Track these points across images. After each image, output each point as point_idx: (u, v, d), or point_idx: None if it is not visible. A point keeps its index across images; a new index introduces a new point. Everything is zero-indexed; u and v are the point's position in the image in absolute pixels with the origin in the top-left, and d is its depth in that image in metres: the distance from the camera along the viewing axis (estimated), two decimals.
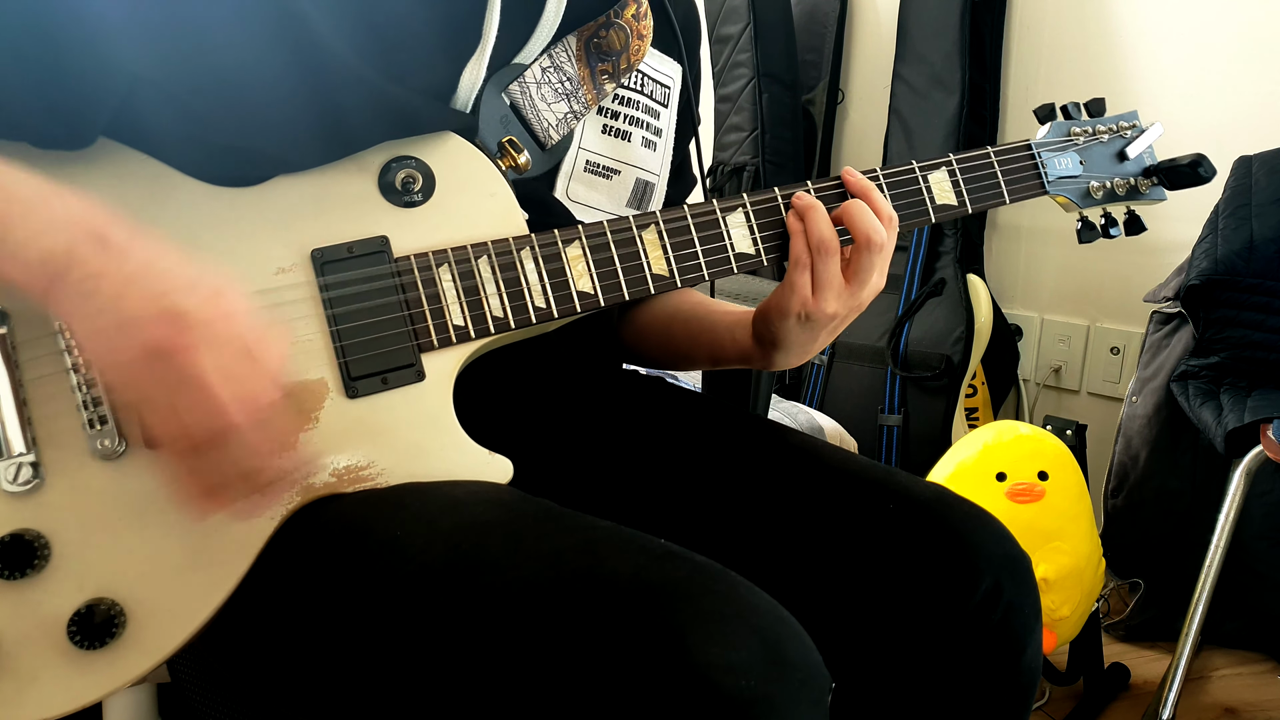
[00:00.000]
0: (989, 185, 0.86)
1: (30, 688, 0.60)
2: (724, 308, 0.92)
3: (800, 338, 0.80)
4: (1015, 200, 0.87)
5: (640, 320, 0.97)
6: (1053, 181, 0.89)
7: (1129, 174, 0.92)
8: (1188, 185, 0.91)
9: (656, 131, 0.90)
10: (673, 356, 0.97)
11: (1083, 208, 0.91)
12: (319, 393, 0.67)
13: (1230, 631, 1.69)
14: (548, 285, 0.73)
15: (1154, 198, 0.93)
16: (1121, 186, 0.92)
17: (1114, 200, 0.92)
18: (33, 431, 0.62)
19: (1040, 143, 0.89)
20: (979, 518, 0.75)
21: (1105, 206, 0.92)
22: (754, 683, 0.51)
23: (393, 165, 0.70)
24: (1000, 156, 0.86)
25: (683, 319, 0.94)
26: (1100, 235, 0.92)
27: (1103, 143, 0.91)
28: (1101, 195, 0.91)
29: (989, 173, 0.86)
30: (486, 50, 0.74)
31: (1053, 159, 0.89)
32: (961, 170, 0.84)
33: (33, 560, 0.60)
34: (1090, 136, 0.91)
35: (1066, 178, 0.89)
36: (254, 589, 0.64)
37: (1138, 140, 0.91)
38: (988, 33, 2.00)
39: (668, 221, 0.76)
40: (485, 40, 0.74)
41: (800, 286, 0.76)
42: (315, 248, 0.68)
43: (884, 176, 0.82)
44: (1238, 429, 1.41)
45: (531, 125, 0.80)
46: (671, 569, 0.55)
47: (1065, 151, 0.90)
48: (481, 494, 0.66)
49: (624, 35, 0.83)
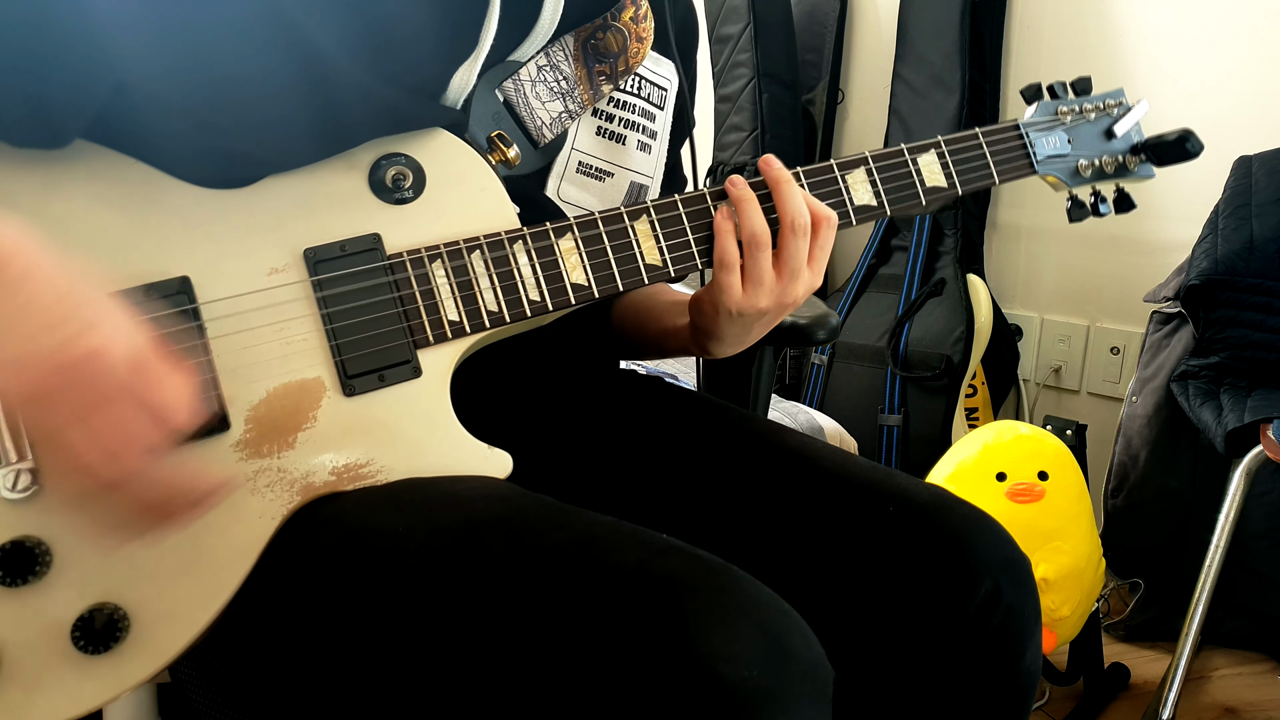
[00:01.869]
0: (978, 166, 0.86)
1: (36, 694, 0.60)
2: (669, 292, 0.92)
3: (732, 330, 0.80)
4: (1005, 180, 0.87)
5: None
6: (1041, 161, 0.89)
7: (1117, 151, 0.92)
8: (1176, 161, 0.91)
9: (651, 135, 0.90)
10: (625, 345, 0.97)
11: (1072, 186, 0.91)
12: (316, 391, 0.67)
13: (1230, 631, 1.69)
14: (541, 278, 0.73)
15: (1142, 175, 0.93)
16: (1110, 164, 0.92)
17: (1103, 178, 0.92)
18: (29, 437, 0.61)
19: (1028, 122, 0.89)
20: (978, 520, 0.75)
21: (1094, 184, 0.92)
22: (757, 673, 0.51)
23: (383, 163, 0.70)
24: (988, 137, 0.87)
25: (635, 309, 0.94)
26: (1090, 213, 0.92)
27: (1090, 121, 0.92)
28: (1090, 173, 0.91)
29: (978, 153, 0.86)
30: (482, 54, 0.74)
31: (1040, 138, 0.89)
32: (950, 151, 0.85)
33: (34, 567, 0.60)
34: (1077, 115, 0.91)
35: (1055, 156, 0.90)
36: (256, 589, 0.64)
37: (1125, 118, 0.92)
38: (988, 32, 2.00)
39: (660, 212, 0.76)
40: (481, 45, 0.74)
41: (730, 287, 0.76)
42: (308, 247, 0.68)
43: (874, 159, 0.82)
44: (1238, 429, 1.41)
45: (525, 122, 0.80)
46: (674, 562, 0.56)
47: (1053, 131, 0.90)
48: (482, 489, 0.66)
49: (622, 38, 0.82)
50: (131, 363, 0.53)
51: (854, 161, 0.82)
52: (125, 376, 0.53)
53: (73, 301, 0.53)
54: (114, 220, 0.63)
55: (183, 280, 0.64)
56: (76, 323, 0.52)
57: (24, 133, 0.60)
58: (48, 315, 0.52)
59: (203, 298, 0.65)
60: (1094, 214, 0.92)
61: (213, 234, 0.66)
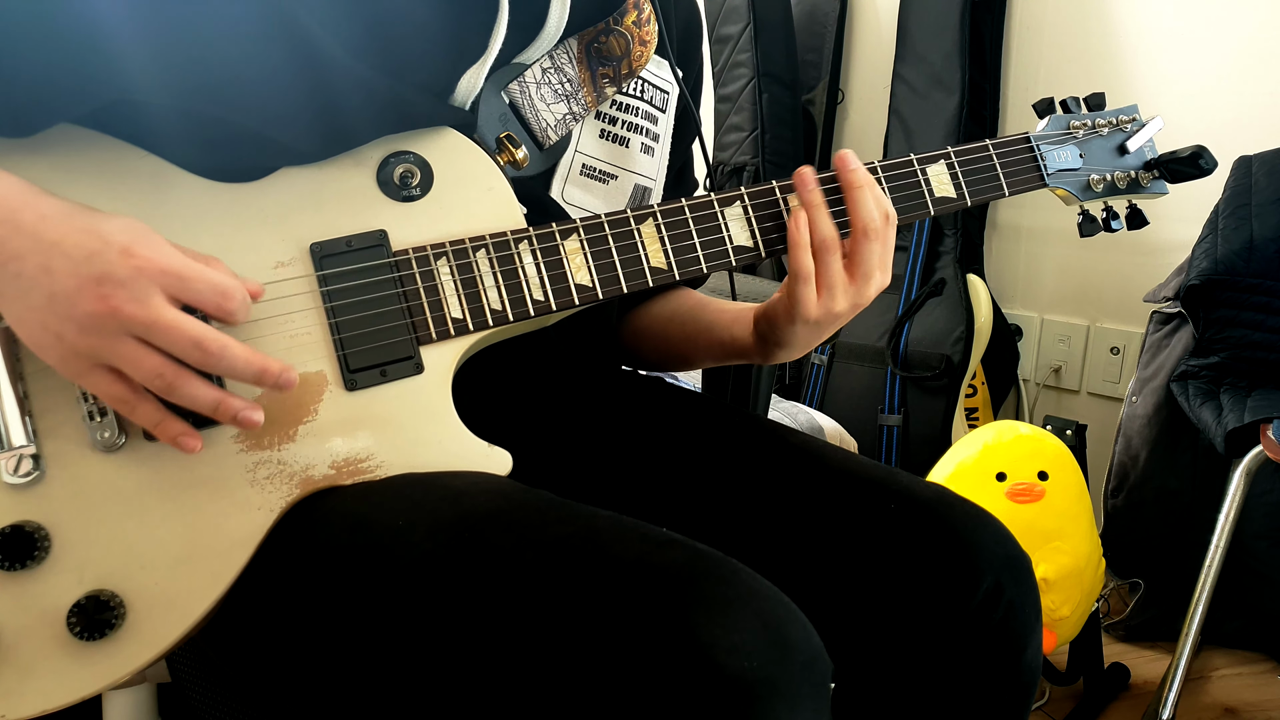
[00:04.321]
0: (988, 177, 0.86)
1: (31, 679, 0.61)
2: (720, 305, 0.92)
3: (806, 338, 0.81)
4: (1015, 192, 0.87)
5: (638, 323, 0.97)
6: (1052, 174, 0.89)
7: (1129, 167, 0.92)
8: (1189, 178, 0.91)
9: (655, 137, 0.90)
10: (670, 357, 0.97)
11: (1083, 200, 0.91)
12: (318, 385, 0.67)
13: (1230, 631, 1.69)
14: (546, 278, 0.73)
15: (1155, 191, 0.93)
16: (1122, 180, 0.92)
17: (1115, 193, 0.92)
18: (34, 424, 0.62)
19: (1039, 135, 0.89)
20: (979, 518, 0.75)
21: (1106, 199, 0.92)
22: (756, 664, 0.51)
23: (391, 160, 0.70)
24: (999, 149, 0.87)
25: (679, 320, 0.94)
26: (1102, 229, 0.92)
27: (1102, 136, 0.91)
28: (1102, 188, 0.91)
29: (988, 165, 0.86)
30: (490, 57, 0.74)
31: (1052, 151, 0.89)
32: (960, 163, 0.85)
33: (33, 552, 0.61)
34: (1090, 130, 0.91)
35: (1066, 170, 0.90)
36: (254, 582, 0.64)
37: (1138, 134, 0.91)
38: (988, 33, 2.00)
39: (665, 215, 0.76)
40: (490, 48, 0.74)
41: (806, 299, 0.77)
42: (314, 241, 0.68)
43: (882, 169, 0.82)
44: (1238, 429, 1.41)
45: (530, 124, 0.80)
46: (674, 554, 0.56)
47: (1065, 145, 0.90)
48: (482, 485, 0.66)
49: (624, 41, 0.83)
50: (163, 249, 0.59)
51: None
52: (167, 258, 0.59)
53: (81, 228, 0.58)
54: (122, 210, 0.63)
55: None
56: (95, 243, 0.57)
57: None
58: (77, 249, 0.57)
59: None
60: (1105, 229, 0.92)
61: (220, 227, 0.66)
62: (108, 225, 0.58)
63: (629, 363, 1.01)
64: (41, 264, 0.57)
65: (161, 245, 0.59)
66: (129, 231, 0.59)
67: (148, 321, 0.57)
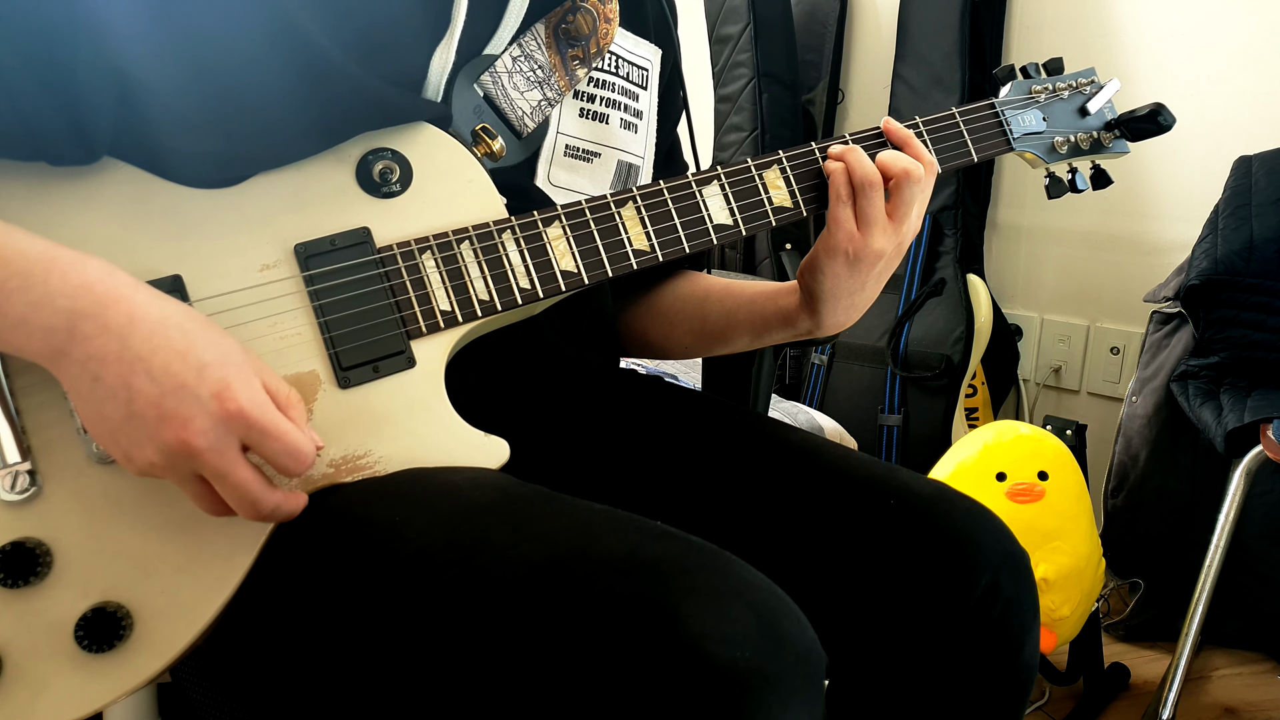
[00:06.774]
0: (956, 144, 0.88)
1: (42, 695, 0.60)
2: (757, 283, 0.93)
3: (848, 284, 0.81)
4: (983, 157, 0.89)
5: (669, 308, 0.97)
6: (1018, 138, 0.91)
7: (1091, 128, 0.94)
8: (1149, 135, 0.93)
9: (636, 114, 0.91)
10: (708, 338, 0.96)
11: (1049, 162, 0.93)
12: (311, 385, 0.67)
13: (1230, 631, 1.69)
14: (531, 266, 0.73)
15: (1117, 150, 0.95)
16: (1085, 140, 0.94)
17: (1079, 154, 0.94)
18: (27, 440, 0.61)
19: (1003, 101, 0.91)
20: (979, 514, 0.75)
21: (1071, 161, 0.95)
22: (749, 655, 0.50)
23: (369, 157, 0.70)
24: (965, 116, 0.89)
25: (716, 297, 0.94)
26: (1068, 189, 0.94)
27: (1063, 99, 0.94)
28: (1066, 150, 0.93)
29: (955, 132, 0.88)
30: (455, 34, 0.74)
31: (1016, 116, 0.91)
32: (929, 131, 0.86)
33: (35, 568, 0.60)
34: (1051, 94, 0.93)
35: (1031, 134, 0.92)
36: (257, 583, 0.64)
37: (1097, 95, 0.94)
38: (988, 32, 2.00)
39: (645, 197, 0.77)
40: (454, 24, 0.74)
41: (844, 221, 0.78)
42: (298, 242, 0.68)
43: (853, 140, 0.83)
44: (1238, 429, 1.41)
45: (506, 114, 0.80)
46: (666, 546, 0.56)
47: (1028, 109, 0.92)
48: (480, 480, 0.66)
49: (591, 19, 0.83)
50: (255, 399, 0.58)
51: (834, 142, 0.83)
52: (257, 412, 0.58)
53: (172, 347, 0.57)
54: (104, 222, 0.63)
55: (174, 279, 0.64)
56: (186, 374, 0.57)
57: (68, 154, 0.61)
58: (165, 375, 0.56)
59: (195, 296, 0.65)
60: (1072, 189, 0.94)
61: (203, 233, 0.66)
62: (206, 353, 0.58)
63: (643, 352, 1.01)
64: (123, 379, 0.56)
65: (254, 389, 0.59)
66: (226, 367, 0.58)
67: (220, 474, 0.58)
